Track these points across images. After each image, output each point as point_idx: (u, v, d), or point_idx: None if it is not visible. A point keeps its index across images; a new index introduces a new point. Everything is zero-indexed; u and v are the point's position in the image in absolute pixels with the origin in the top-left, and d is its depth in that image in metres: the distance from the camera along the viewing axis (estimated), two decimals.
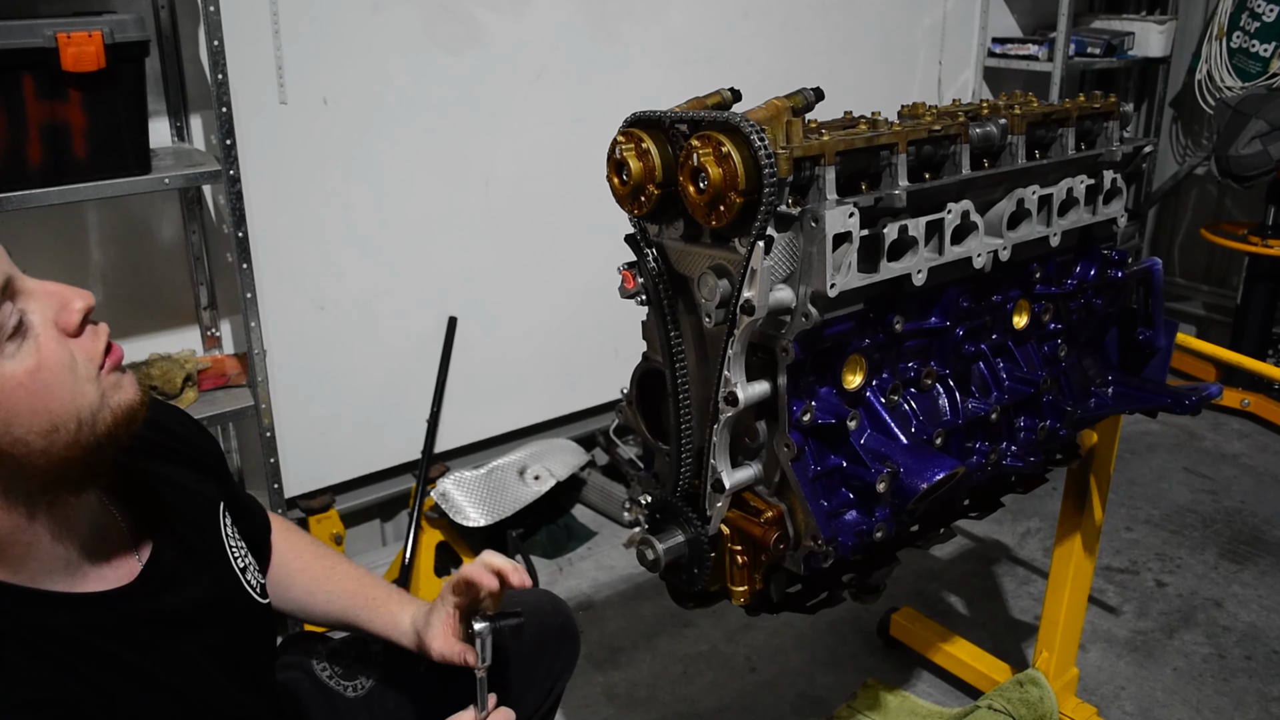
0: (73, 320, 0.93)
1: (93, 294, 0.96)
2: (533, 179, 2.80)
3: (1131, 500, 3.13)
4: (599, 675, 2.37)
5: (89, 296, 0.95)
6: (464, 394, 2.82)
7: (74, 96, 1.87)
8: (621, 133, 1.23)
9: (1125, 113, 1.59)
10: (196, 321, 2.40)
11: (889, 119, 1.36)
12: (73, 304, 0.93)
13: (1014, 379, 1.47)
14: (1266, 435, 3.57)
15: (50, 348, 0.90)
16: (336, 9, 2.40)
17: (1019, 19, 3.96)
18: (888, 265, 1.25)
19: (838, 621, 2.52)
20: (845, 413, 1.25)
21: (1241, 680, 2.35)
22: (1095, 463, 1.88)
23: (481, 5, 2.62)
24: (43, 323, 0.91)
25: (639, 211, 1.24)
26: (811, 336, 1.19)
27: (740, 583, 1.30)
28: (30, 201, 1.88)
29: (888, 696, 2.21)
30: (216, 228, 2.38)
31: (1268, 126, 3.34)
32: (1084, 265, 1.60)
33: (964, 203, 1.32)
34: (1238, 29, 3.76)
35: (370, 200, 2.55)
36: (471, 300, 2.78)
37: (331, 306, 2.56)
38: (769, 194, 1.11)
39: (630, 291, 1.28)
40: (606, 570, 2.80)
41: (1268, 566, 2.79)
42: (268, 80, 2.34)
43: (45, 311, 0.92)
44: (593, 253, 2.78)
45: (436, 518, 2.71)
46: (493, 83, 2.68)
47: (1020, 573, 2.76)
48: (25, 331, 0.89)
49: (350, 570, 1.40)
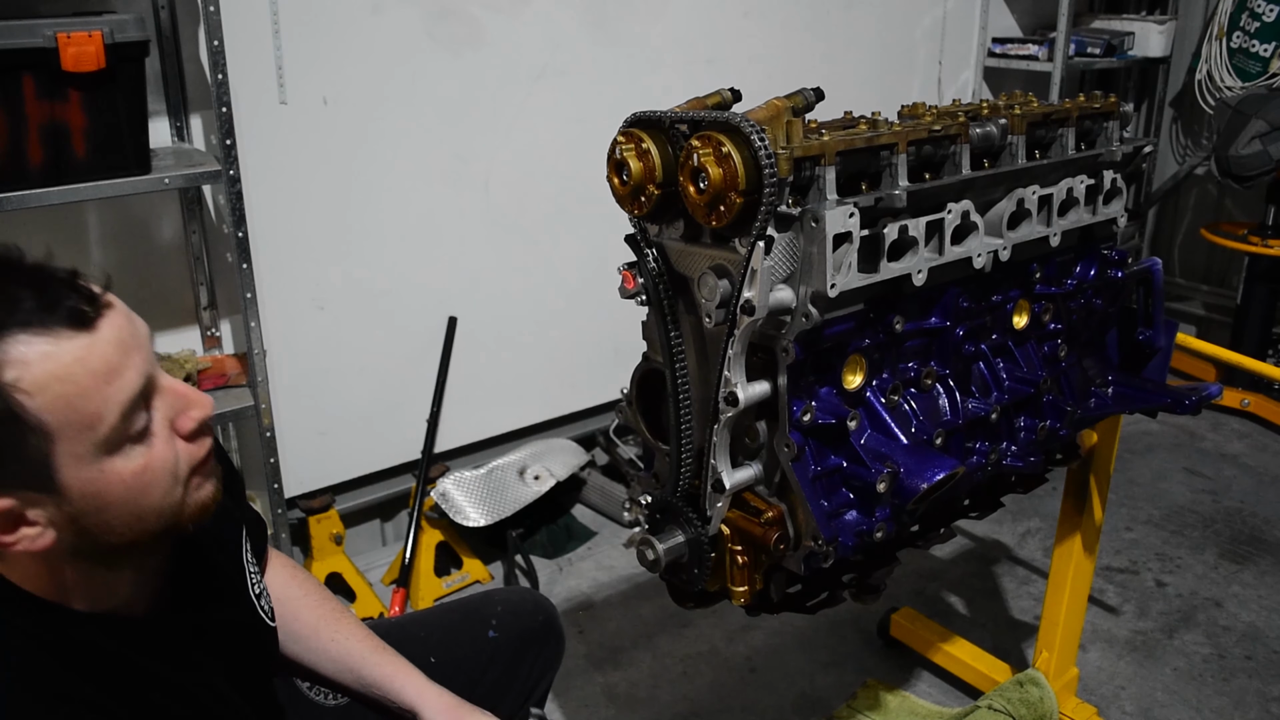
0: (188, 428, 0.96)
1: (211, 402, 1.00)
2: (533, 179, 2.80)
3: (1131, 500, 3.13)
4: (599, 675, 2.37)
5: (209, 406, 0.99)
6: (464, 394, 2.82)
7: (74, 96, 1.87)
8: (622, 133, 1.23)
9: (1125, 113, 1.59)
10: (196, 321, 2.40)
11: (889, 119, 1.36)
12: (192, 412, 0.96)
13: (1014, 379, 1.47)
14: (1266, 435, 3.57)
15: (160, 450, 0.93)
16: (336, 9, 2.40)
17: (1019, 19, 3.96)
18: (888, 265, 1.25)
19: (838, 621, 2.52)
20: (845, 413, 1.25)
21: (1241, 680, 2.35)
22: (1095, 463, 1.89)
23: (481, 5, 2.62)
24: (160, 421, 0.94)
25: (639, 212, 1.24)
26: (812, 336, 1.19)
27: (740, 583, 1.30)
28: (30, 201, 1.88)
29: (888, 696, 2.21)
30: (216, 228, 2.38)
31: (1268, 126, 3.34)
32: (1084, 265, 1.60)
33: (964, 203, 1.32)
34: (1238, 29, 3.76)
35: (370, 200, 2.55)
36: (471, 300, 2.78)
37: (331, 306, 2.56)
38: (769, 194, 1.11)
39: (630, 291, 1.28)
40: (606, 570, 2.80)
41: (1268, 566, 2.79)
42: (268, 80, 2.34)
43: (166, 410, 0.95)
44: (593, 253, 2.78)
45: (436, 518, 2.71)
46: (493, 83, 2.68)
47: (1020, 573, 2.76)
48: (145, 436, 0.92)
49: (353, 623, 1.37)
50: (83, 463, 0.88)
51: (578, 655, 2.42)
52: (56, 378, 0.85)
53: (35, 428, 0.85)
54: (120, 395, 0.89)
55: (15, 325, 0.84)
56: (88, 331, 0.87)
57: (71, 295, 0.88)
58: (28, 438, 0.85)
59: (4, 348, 0.83)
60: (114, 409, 0.88)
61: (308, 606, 1.35)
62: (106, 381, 0.88)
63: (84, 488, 0.89)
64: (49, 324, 0.85)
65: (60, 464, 0.87)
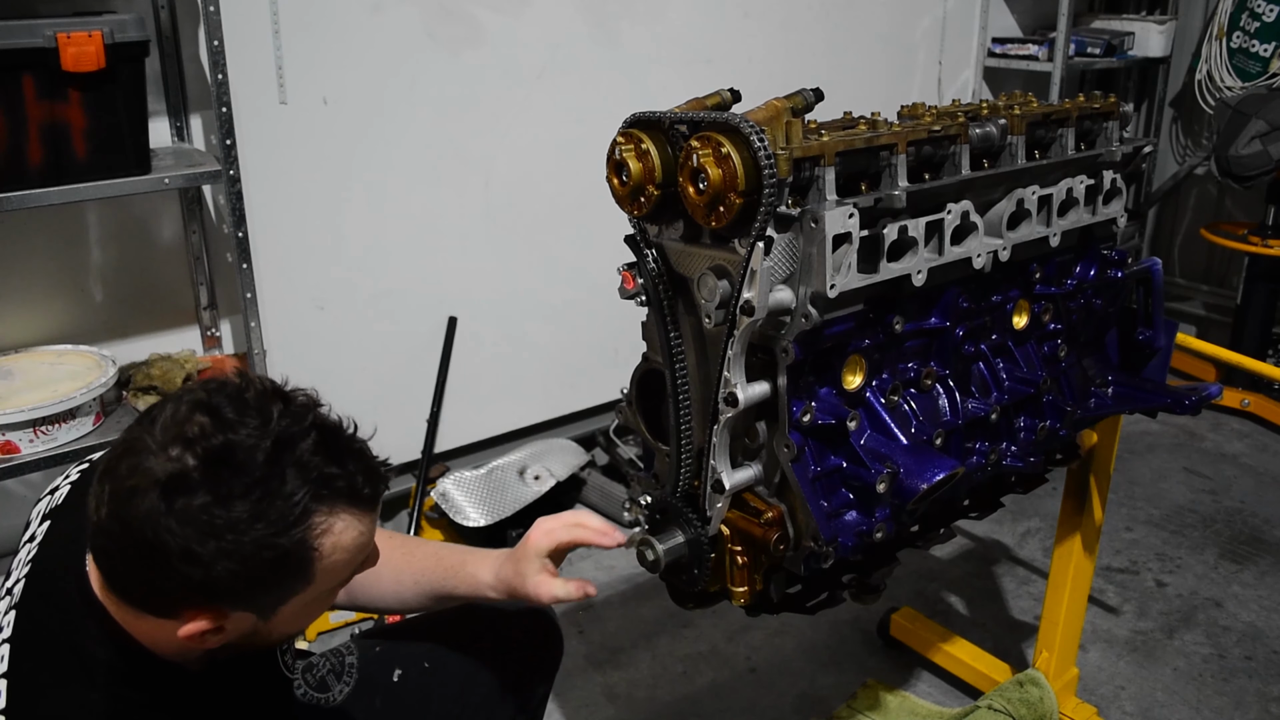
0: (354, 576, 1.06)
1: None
2: (533, 179, 2.80)
3: (1131, 500, 3.13)
4: (599, 675, 2.37)
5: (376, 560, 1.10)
6: (464, 394, 2.82)
7: (74, 96, 1.88)
8: (621, 133, 1.23)
9: (1125, 113, 1.59)
10: (196, 321, 2.40)
11: (889, 119, 1.36)
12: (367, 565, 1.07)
13: (1014, 379, 1.47)
14: (1266, 435, 3.57)
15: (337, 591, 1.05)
16: (336, 9, 2.40)
17: (1019, 19, 3.96)
18: (887, 266, 1.25)
19: (838, 621, 2.52)
20: (845, 413, 1.25)
21: (1241, 680, 2.35)
22: (1095, 463, 1.88)
23: (481, 5, 2.62)
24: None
25: (639, 212, 1.24)
26: (811, 337, 1.19)
27: (740, 583, 1.30)
28: (30, 201, 1.88)
29: (888, 696, 2.21)
30: (216, 228, 2.38)
31: (1268, 126, 3.34)
32: (1084, 265, 1.60)
33: (964, 203, 1.32)
34: (1238, 29, 3.76)
35: (370, 200, 2.55)
36: (471, 300, 2.78)
37: (331, 306, 2.56)
38: (769, 195, 1.11)
39: (630, 292, 1.28)
40: (606, 570, 2.80)
41: (1268, 566, 2.79)
42: (268, 80, 2.34)
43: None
44: (592, 253, 2.78)
45: (436, 518, 2.71)
46: (493, 83, 2.68)
47: (1020, 573, 2.76)
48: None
49: (421, 547, 1.42)
50: (304, 604, 1.00)
51: (578, 655, 2.42)
52: (346, 548, 0.98)
53: (308, 579, 0.97)
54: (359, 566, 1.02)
55: (345, 500, 0.97)
56: (372, 513, 1.01)
57: (382, 483, 1.03)
58: (298, 585, 0.96)
59: (332, 518, 0.96)
60: (349, 575, 1.02)
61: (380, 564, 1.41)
62: (362, 555, 1.01)
63: (287, 620, 1.01)
64: (363, 504, 0.99)
65: (292, 603, 0.99)
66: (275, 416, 0.95)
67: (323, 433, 0.98)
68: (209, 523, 0.90)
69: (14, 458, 1.91)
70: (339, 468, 0.96)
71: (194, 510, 0.90)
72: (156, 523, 0.89)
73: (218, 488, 0.90)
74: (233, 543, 0.90)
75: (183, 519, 0.89)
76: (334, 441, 0.98)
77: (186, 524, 0.89)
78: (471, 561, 1.37)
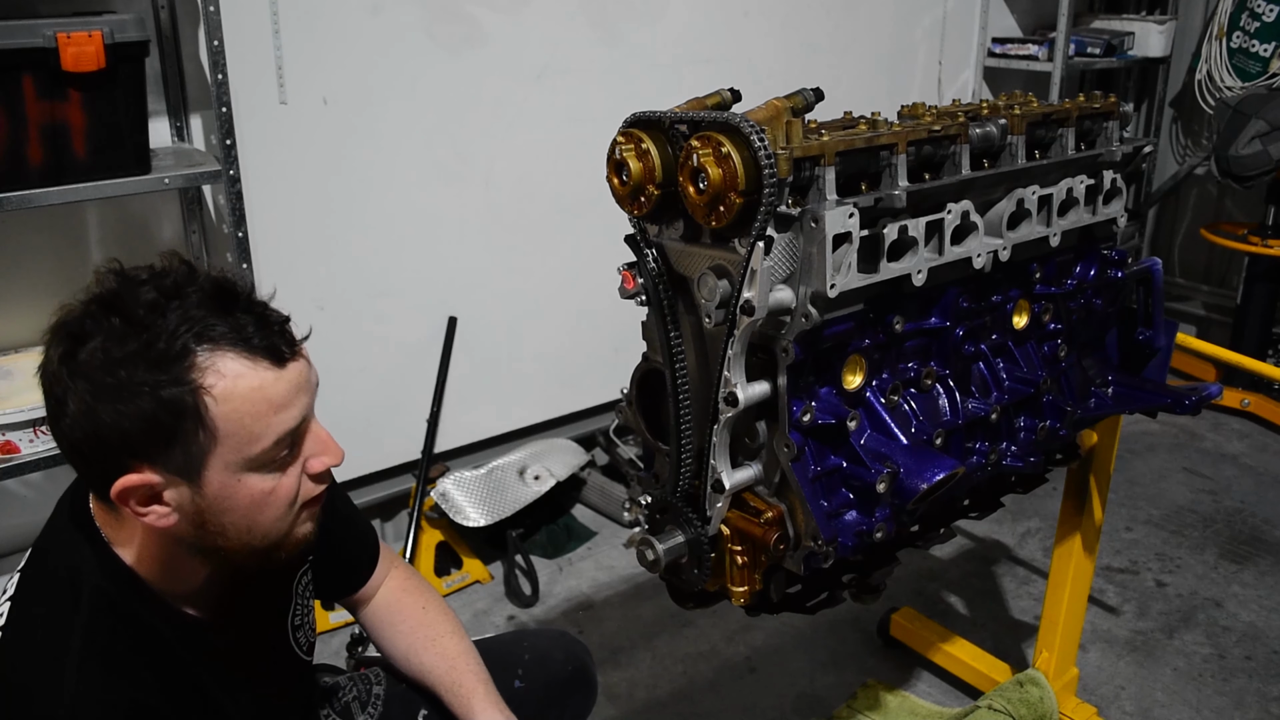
0: (317, 469, 1.09)
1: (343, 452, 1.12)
2: (533, 179, 2.80)
3: (1131, 500, 3.13)
4: (599, 675, 2.36)
5: (340, 457, 1.11)
6: (464, 394, 2.82)
7: (74, 96, 1.87)
8: (621, 133, 1.23)
9: (1125, 113, 1.59)
10: None
11: (889, 119, 1.36)
12: (325, 457, 1.09)
13: (1014, 379, 1.47)
14: (1266, 435, 3.57)
15: (288, 480, 1.06)
16: (336, 9, 2.40)
17: (1019, 19, 3.96)
18: (888, 265, 1.25)
19: (838, 621, 2.52)
20: (845, 413, 1.25)
21: (1241, 680, 2.35)
22: (1095, 463, 1.89)
23: (481, 5, 2.62)
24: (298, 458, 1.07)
25: (639, 212, 1.24)
26: (811, 337, 1.19)
27: (740, 583, 1.30)
28: (30, 201, 1.88)
29: (888, 696, 2.21)
30: (216, 228, 2.38)
31: (1268, 126, 3.34)
32: (1084, 265, 1.60)
33: (964, 203, 1.32)
34: (1238, 29, 3.76)
35: (370, 200, 2.55)
36: (471, 300, 2.78)
37: (331, 306, 2.56)
38: (769, 194, 1.11)
39: (630, 292, 1.28)
40: (606, 570, 2.80)
41: (1268, 566, 2.79)
42: (268, 80, 2.34)
43: (306, 450, 1.08)
44: (593, 253, 2.77)
45: (436, 518, 2.71)
46: (493, 83, 2.68)
47: (1020, 573, 2.76)
48: (283, 465, 1.06)
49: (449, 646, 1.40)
50: (228, 469, 1.01)
51: None
52: (241, 395, 0.99)
53: (208, 428, 0.98)
54: (280, 426, 1.02)
55: (229, 343, 0.99)
56: (278, 368, 1.02)
57: (278, 336, 1.03)
58: (198, 433, 0.98)
59: (214, 357, 0.98)
60: (271, 436, 1.02)
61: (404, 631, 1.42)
62: (275, 412, 1.01)
63: (220, 490, 1.01)
64: (254, 351, 1.00)
65: (211, 464, 1.00)
66: (172, 273, 1.02)
67: (215, 284, 1.02)
68: (99, 366, 0.96)
69: (14, 458, 1.92)
70: (225, 314, 1.00)
71: (85, 356, 0.96)
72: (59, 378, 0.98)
73: (103, 332, 0.97)
74: (119, 383, 0.95)
75: (74, 371, 0.97)
76: (224, 292, 1.02)
77: (78, 375, 0.96)
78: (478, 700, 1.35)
